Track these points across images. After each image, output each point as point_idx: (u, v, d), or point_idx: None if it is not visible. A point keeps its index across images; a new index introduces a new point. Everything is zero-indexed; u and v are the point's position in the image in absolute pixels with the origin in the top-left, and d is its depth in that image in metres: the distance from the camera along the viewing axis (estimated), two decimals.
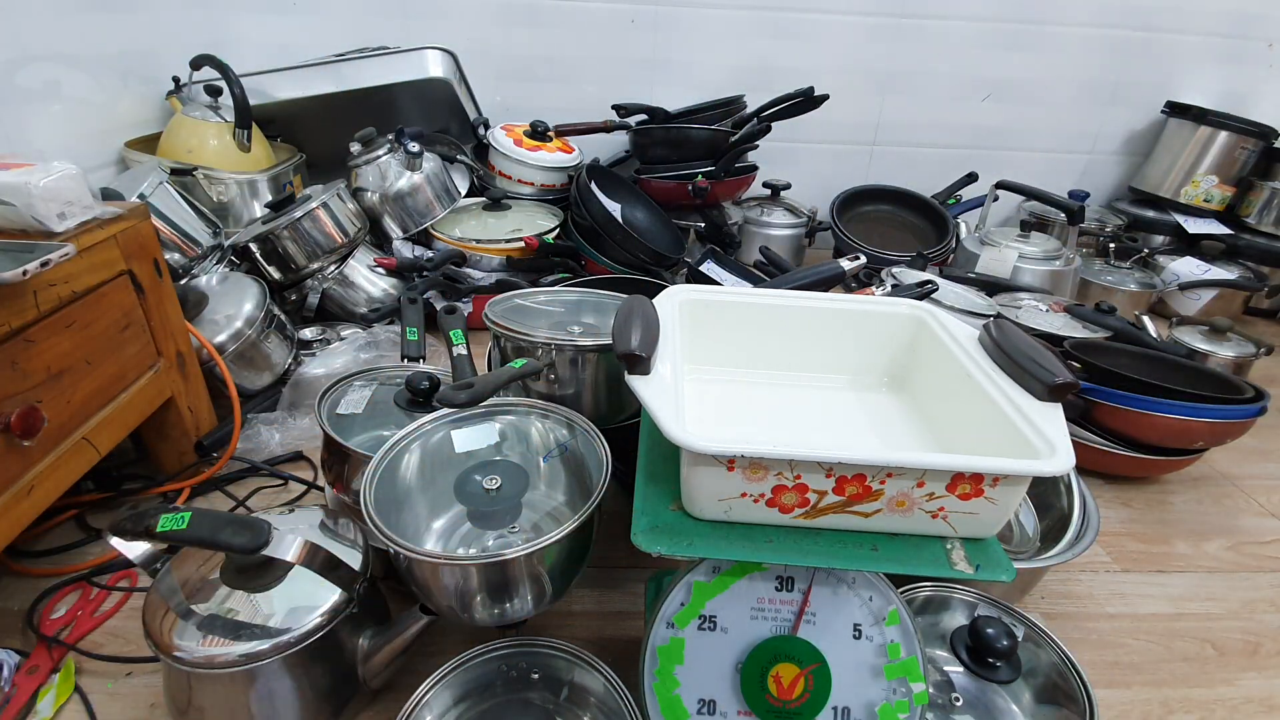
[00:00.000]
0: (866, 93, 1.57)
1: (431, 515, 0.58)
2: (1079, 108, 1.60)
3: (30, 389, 0.57)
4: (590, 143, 1.45)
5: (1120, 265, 1.41)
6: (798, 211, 1.48)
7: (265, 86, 1.24)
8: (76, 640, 0.62)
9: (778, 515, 0.43)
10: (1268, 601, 0.75)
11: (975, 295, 1.12)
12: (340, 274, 1.12)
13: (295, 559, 0.50)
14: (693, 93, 1.50)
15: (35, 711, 0.56)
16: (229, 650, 0.48)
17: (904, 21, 1.49)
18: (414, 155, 1.17)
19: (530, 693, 0.53)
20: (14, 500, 0.56)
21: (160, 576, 0.53)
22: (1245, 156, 1.49)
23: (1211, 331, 1.12)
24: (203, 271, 0.98)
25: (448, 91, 1.31)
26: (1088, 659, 0.66)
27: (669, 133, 1.33)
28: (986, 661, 0.52)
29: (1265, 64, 1.57)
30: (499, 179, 1.36)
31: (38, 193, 0.58)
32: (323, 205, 1.06)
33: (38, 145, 1.02)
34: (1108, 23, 1.51)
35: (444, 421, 0.60)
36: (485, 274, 1.19)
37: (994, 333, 0.51)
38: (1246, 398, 0.83)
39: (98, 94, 1.15)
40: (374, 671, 0.54)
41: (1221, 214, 1.54)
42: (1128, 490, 0.91)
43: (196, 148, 1.14)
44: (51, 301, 0.59)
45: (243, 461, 0.83)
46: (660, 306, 0.54)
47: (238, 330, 0.88)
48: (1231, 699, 0.63)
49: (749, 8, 1.46)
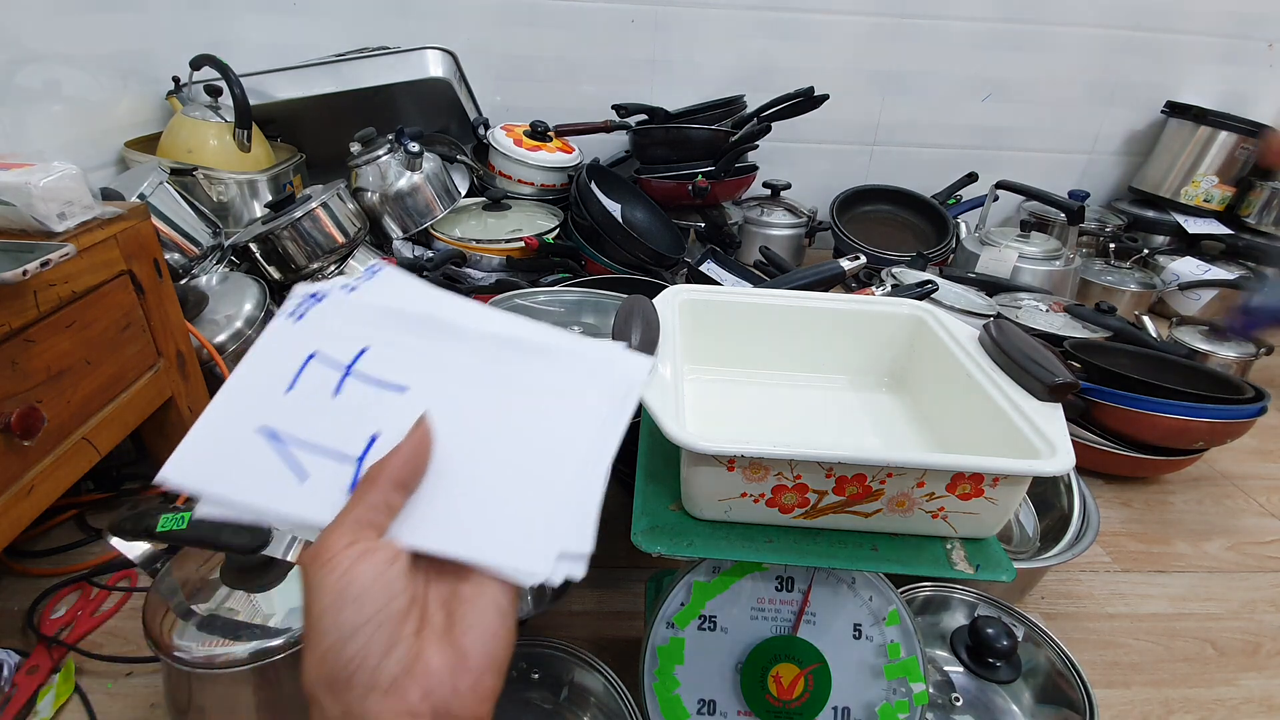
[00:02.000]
0: (866, 93, 1.57)
1: None
2: (1079, 108, 1.60)
3: (30, 389, 0.57)
4: (590, 143, 1.45)
5: (1120, 265, 1.41)
6: (798, 211, 1.48)
7: (265, 86, 1.24)
8: (76, 640, 0.62)
9: (778, 515, 0.43)
10: (1268, 601, 0.75)
11: (975, 295, 1.12)
12: (340, 274, 1.12)
13: (295, 559, 0.50)
14: (693, 93, 1.50)
15: (35, 711, 0.56)
16: (229, 650, 0.48)
17: (904, 21, 1.49)
18: (414, 155, 1.17)
19: (530, 693, 0.53)
20: (14, 500, 0.56)
21: (160, 576, 0.53)
22: (1245, 156, 1.49)
23: (1211, 331, 1.12)
24: (203, 271, 0.98)
25: (448, 91, 1.31)
26: (1088, 659, 0.66)
27: (669, 133, 1.33)
28: (986, 661, 0.52)
29: (1265, 64, 1.57)
30: (499, 179, 1.36)
31: (38, 193, 0.58)
32: (323, 205, 1.06)
33: (38, 145, 1.02)
34: (1108, 23, 1.51)
35: None
36: (485, 274, 1.19)
37: (994, 333, 0.51)
38: (1246, 398, 0.83)
39: (98, 94, 1.15)
40: None
41: (1221, 214, 1.54)
42: (1128, 490, 0.91)
43: (196, 148, 1.14)
44: (51, 301, 0.59)
45: None
46: (660, 306, 0.54)
47: (238, 330, 0.88)
48: (1231, 699, 0.63)
49: (749, 8, 1.46)
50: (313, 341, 0.34)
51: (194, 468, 0.30)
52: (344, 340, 0.34)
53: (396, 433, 0.30)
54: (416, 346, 0.35)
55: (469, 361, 0.35)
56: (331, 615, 0.24)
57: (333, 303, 0.36)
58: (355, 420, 0.31)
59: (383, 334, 0.35)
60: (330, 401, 0.32)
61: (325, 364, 0.33)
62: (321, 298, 0.36)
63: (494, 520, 0.29)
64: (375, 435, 0.31)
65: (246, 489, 0.29)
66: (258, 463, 0.30)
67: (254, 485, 0.29)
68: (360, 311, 0.35)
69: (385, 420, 0.31)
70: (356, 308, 0.36)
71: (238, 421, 0.31)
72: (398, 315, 0.35)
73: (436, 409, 0.31)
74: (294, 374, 0.32)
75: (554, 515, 0.30)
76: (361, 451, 0.30)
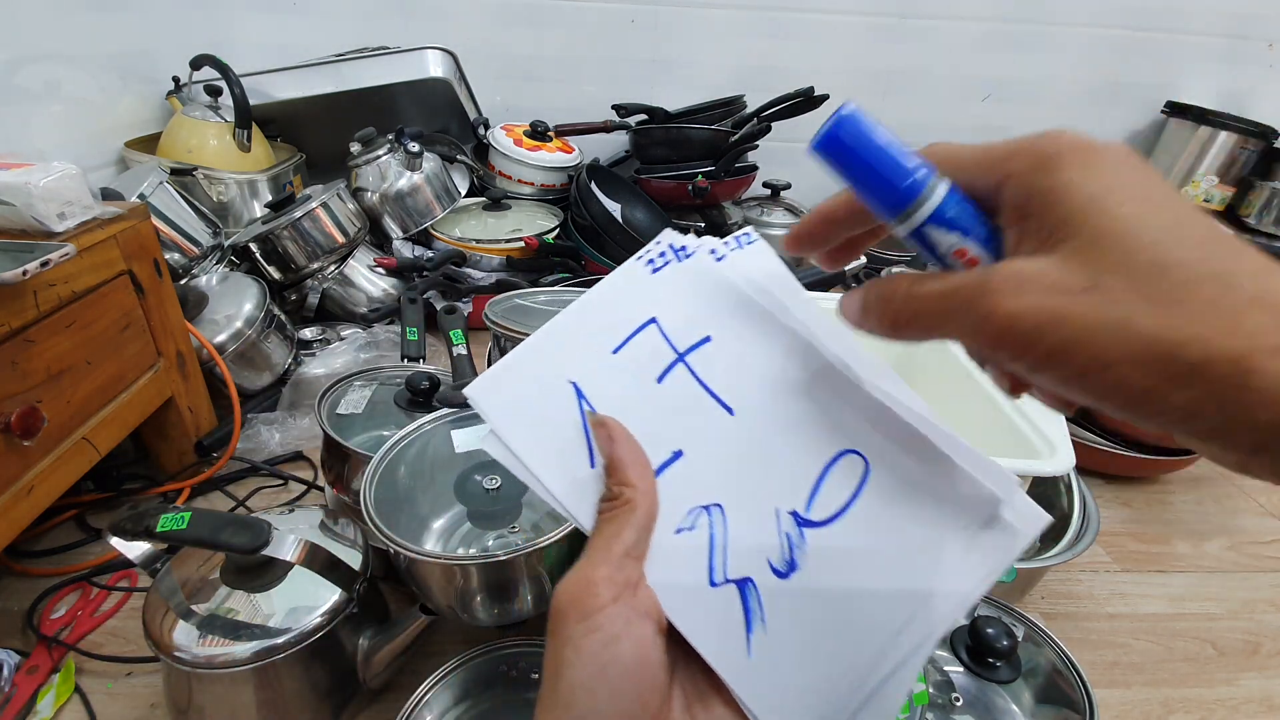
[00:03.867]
0: (866, 93, 1.57)
1: (431, 515, 0.58)
2: (1079, 108, 1.60)
3: (30, 389, 0.57)
4: (590, 143, 1.45)
5: None
6: (798, 211, 1.48)
7: (265, 86, 1.24)
8: (76, 640, 0.62)
9: None
10: (1268, 601, 0.75)
11: None
12: (340, 274, 1.12)
13: (295, 559, 0.50)
14: (693, 93, 1.50)
15: (35, 711, 0.56)
16: (229, 650, 0.48)
17: (904, 21, 1.49)
18: (414, 155, 1.17)
19: (530, 693, 0.53)
20: (14, 500, 0.56)
21: (160, 576, 0.53)
22: (1245, 156, 1.49)
23: None
24: (203, 271, 0.98)
25: (448, 91, 1.31)
26: (1088, 659, 0.66)
27: (669, 133, 1.33)
28: (986, 661, 0.52)
29: (1265, 64, 1.57)
30: (499, 179, 1.36)
31: (38, 193, 0.58)
32: (323, 205, 1.06)
33: (38, 145, 1.02)
34: (1108, 23, 1.51)
35: (444, 421, 0.60)
36: (485, 274, 1.19)
37: None
38: None
39: (98, 94, 1.15)
40: (374, 671, 0.54)
41: (1221, 214, 1.54)
42: (1128, 490, 0.91)
43: (196, 148, 1.14)
44: (51, 301, 0.59)
45: (243, 461, 0.83)
46: None
47: (238, 330, 0.88)
48: (1232, 699, 0.63)
49: (749, 8, 1.46)
50: (658, 304, 0.28)
51: (495, 395, 0.26)
52: (689, 318, 0.28)
53: (704, 460, 0.25)
54: (768, 361, 0.27)
55: (838, 419, 0.26)
56: (585, 695, 0.21)
57: (694, 266, 0.29)
58: (666, 423, 0.26)
59: (734, 327, 0.28)
60: (650, 387, 0.27)
61: (661, 338, 0.28)
62: (685, 256, 0.30)
63: (780, 663, 0.23)
64: (679, 453, 0.26)
65: (533, 451, 0.25)
66: (556, 424, 0.26)
67: (541, 449, 0.25)
68: (719, 288, 0.29)
69: (697, 439, 0.26)
70: (717, 283, 0.29)
71: (556, 363, 0.27)
72: (763, 315, 0.28)
73: (763, 459, 0.25)
74: (627, 334, 0.27)
75: (849, 701, 0.23)
76: (659, 465, 0.25)
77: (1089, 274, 0.17)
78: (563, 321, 0.28)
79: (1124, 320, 0.17)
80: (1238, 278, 0.16)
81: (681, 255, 0.29)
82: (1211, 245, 0.17)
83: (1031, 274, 0.18)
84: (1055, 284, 0.18)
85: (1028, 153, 0.20)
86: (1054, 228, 0.18)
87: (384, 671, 0.55)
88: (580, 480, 0.25)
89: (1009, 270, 0.18)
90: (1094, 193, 0.18)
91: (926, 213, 0.21)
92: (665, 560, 0.24)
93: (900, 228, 0.22)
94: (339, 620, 0.52)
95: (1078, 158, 0.19)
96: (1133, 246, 0.17)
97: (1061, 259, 0.18)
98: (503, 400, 0.26)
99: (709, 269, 0.29)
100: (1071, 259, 0.18)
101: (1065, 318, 0.17)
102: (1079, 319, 0.17)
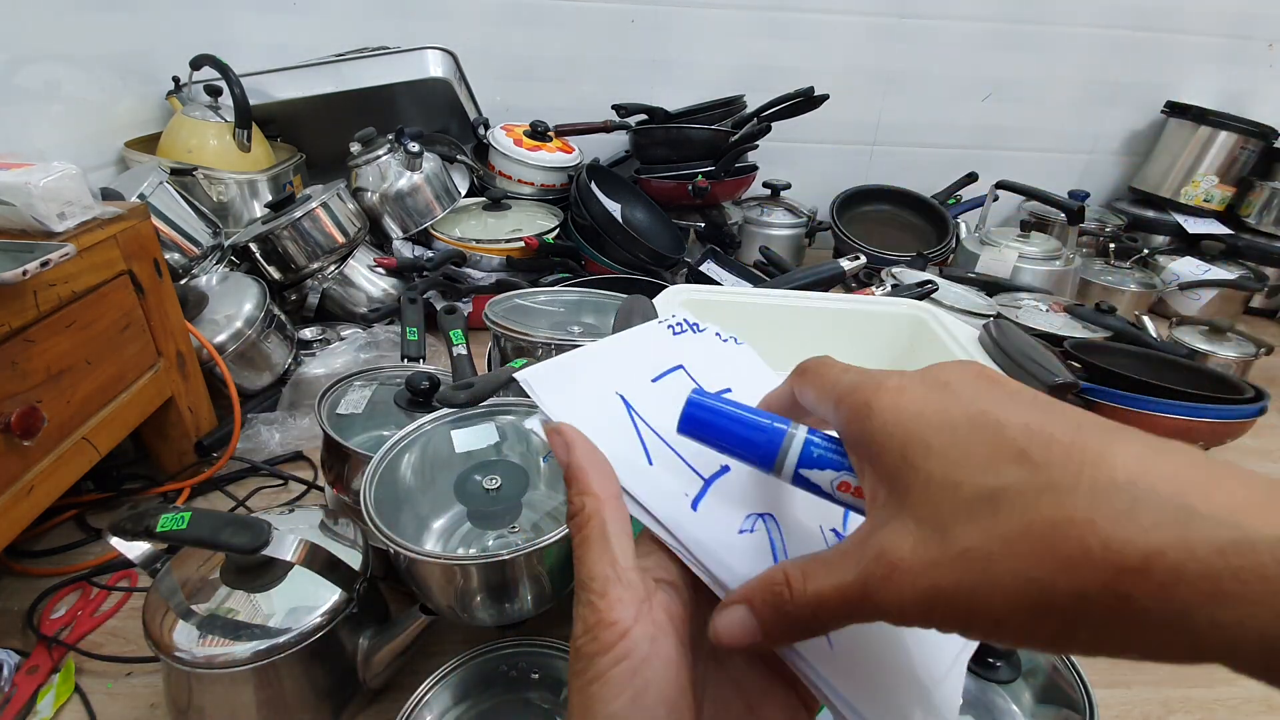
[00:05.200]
0: (866, 93, 1.57)
1: (431, 515, 0.58)
2: (1079, 108, 1.60)
3: (30, 389, 0.57)
4: (590, 143, 1.45)
5: (1120, 265, 1.41)
6: (798, 211, 1.48)
7: (265, 86, 1.24)
8: (76, 640, 0.62)
9: None
10: None
11: (975, 295, 1.12)
12: (340, 274, 1.12)
13: (295, 559, 0.50)
14: (693, 93, 1.50)
15: (35, 711, 0.56)
16: (229, 650, 0.48)
17: (904, 21, 1.49)
18: (414, 155, 1.17)
19: (530, 693, 0.53)
20: (14, 500, 0.56)
21: (160, 576, 0.53)
22: (1245, 156, 1.49)
23: (1212, 331, 1.12)
24: (203, 271, 0.98)
25: (448, 91, 1.31)
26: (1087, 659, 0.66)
27: (669, 133, 1.33)
28: (986, 661, 0.52)
29: (1265, 64, 1.57)
30: (499, 179, 1.36)
31: (38, 193, 0.58)
32: (323, 205, 1.06)
33: (38, 145, 1.02)
34: (1108, 23, 1.51)
35: (444, 421, 0.60)
36: (485, 274, 1.19)
37: (994, 333, 0.52)
38: (1246, 398, 0.83)
39: (98, 94, 1.15)
40: (374, 671, 0.54)
41: (1221, 214, 1.54)
42: None
43: (196, 148, 1.14)
44: (51, 301, 0.59)
45: (243, 461, 0.83)
46: (660, 306, 0.54)
47: (238, 330, 0.88)
48: (1232, 699, 0.63)
49: (749, 8, 1.46)
50: (683, 355, 0.32)
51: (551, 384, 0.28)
52: (710, 370, 0.32)
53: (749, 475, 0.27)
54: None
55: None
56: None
57: (706, 339, 0.34)
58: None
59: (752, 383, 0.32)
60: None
61: (690, 379, 0.31)
62: (699, 331, 0.34)
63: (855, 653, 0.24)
64: (726, 468, 0.27)
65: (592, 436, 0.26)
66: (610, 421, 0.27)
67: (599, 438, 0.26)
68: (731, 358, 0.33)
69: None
70: (727, 355, 0.34)
71: (605, 374, 0.29)
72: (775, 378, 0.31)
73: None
74: (661, 371, 0.30)
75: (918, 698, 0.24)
76: (712, 474, 0.27)
77: (939, 538, 0.18)
78: (601, 346, 0.30)
79: (985, 575, 0.17)
80: (1026, 495, 0.17)
81: (694, 330, 0.34)
82: (997, 461, 0.18)
83: (900, 558, 0.18)
84: (922, 560, 0.18)
85: (847, 403, 0.21)
86: (889, 479, 0.20)
87: (384, 671, 0.55)
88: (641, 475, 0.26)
89: (883, 561, 0.19)
90: (905, 439, 0.19)
91: (794, 460, 0.23)
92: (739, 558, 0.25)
93: (781, 478, 0.23)
94: (339, 620, 0.52)
95: (887, 399, 0.20)
96: (951, 483, 0.18)
97: (915, 524, 0.18)
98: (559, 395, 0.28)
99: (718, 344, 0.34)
100: (923, 524, 0.18)
101: (941, 591, 0.17)
102: (953, 589, 0.17)
